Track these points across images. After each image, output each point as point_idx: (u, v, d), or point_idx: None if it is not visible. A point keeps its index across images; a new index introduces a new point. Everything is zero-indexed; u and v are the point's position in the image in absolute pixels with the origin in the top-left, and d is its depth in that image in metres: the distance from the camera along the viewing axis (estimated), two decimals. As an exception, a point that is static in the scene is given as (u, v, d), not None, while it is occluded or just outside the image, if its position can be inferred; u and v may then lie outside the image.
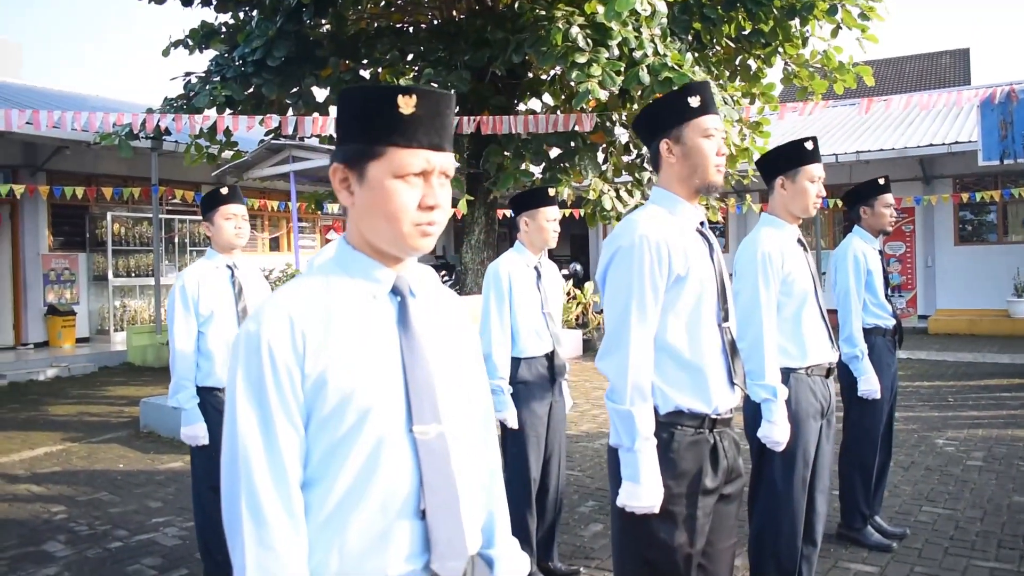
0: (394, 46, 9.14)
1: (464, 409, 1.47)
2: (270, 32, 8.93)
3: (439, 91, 1.40)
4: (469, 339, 1.56)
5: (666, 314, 2.15)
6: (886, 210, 4.21)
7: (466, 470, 1.43)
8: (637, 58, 7.58)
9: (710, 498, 2.17)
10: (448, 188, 1.44)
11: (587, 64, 7.36)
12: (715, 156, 2.19)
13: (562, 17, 7.74)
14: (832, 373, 3.09)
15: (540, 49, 7.63)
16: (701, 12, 9.08)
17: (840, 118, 18.67)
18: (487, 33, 8.67)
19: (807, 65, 10.58)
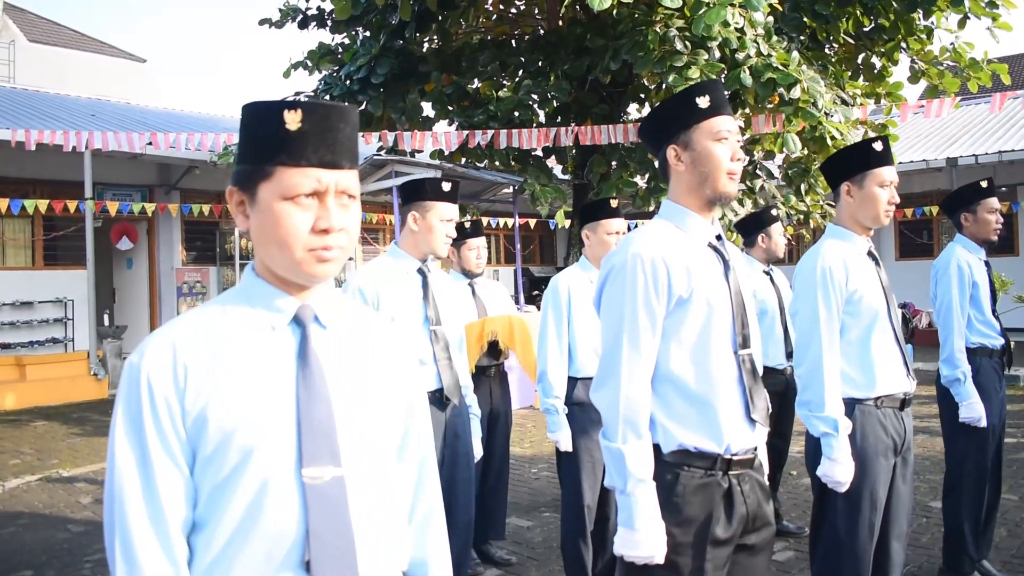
0: (495, 58, 9.09)
1: (377, 451, 1.33)
2: (373, 50, 9.07)
3: (331, 104, 1.28)
4: (396, 374, 1.41)
5: (668, 341, 1.92)
6: (991, 216, 3.76)
7: (371, 518, 1.29)
8: (740, 59, 7.24)
9: (722, 549, 1.92)
10: (353, 210, 1.30)
11: (685, 67, 7.07)
12: (728, 162, 1.95)
13: (660, 21, 7.48)
14: (908, 405, 2.74)
15: (637, 54, 7.40)
16: (812, 9, 8.60)
17: (980, 117, 17.42)
18: (587, 41, 8.50)
19: (936, 62, 9.88)
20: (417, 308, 3.10)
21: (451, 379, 3.10)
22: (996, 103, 8.72)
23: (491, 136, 8.00)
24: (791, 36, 8.61)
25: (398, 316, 3.04)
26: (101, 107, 15.62)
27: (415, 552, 1.46)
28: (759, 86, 7.11)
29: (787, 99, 7.19)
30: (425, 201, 3.12)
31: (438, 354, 3.09)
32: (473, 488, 3.26)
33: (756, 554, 2.02)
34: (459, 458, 3.15)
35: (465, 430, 3.19)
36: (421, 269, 3.17)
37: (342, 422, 1.27)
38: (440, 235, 3.11)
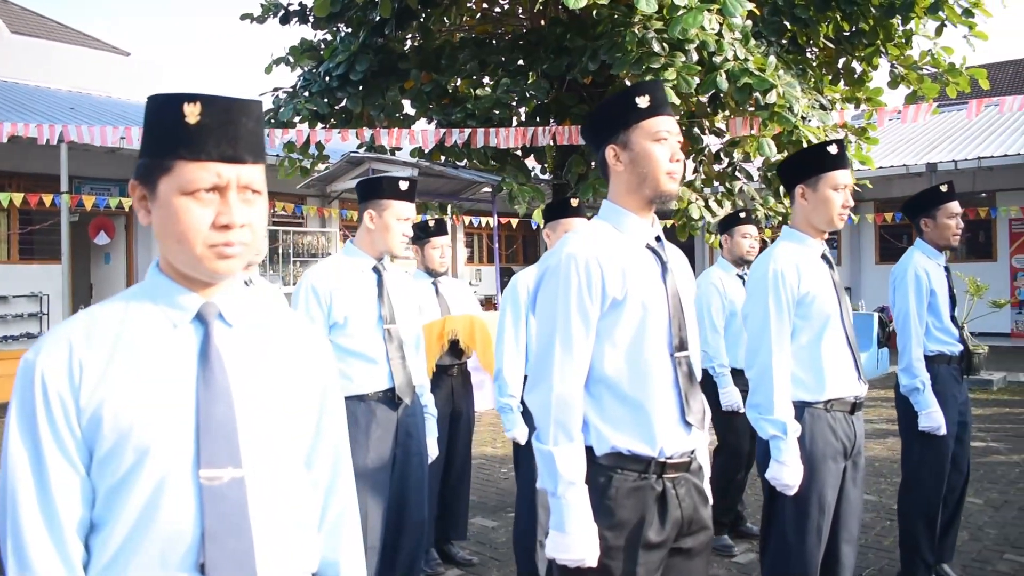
0: (475, 57, 9.07)
1: (282, 452, 1.31)
2: (353, 47, 9.03)
3: (232, 98, 1.25)
4: (308, 374, 1.39)
5: (603, 342, 1.91)
6: (950, 221, 3.76)
7: (274, 520, 1.27)
8: (717, 63, 7.25)
9: (655, 553, 1.91)
10: (258, 206, 1.29)
11: (662, 69, 7.08)
12: (668, 162, 1.94)
13: (638, 23, 7.48)
14: (858, 409, 2.74)
15: (615, 55, 7.40)
16: (792, 13, 8.62)
17: (960, 123, 17.53)
18: (567, 41, 8.50)
19: (915, 67, 9.92)
20: (371, 307, 3.07)
21: (403, 378, 3.07)
22: (973, 109, 8.78)
23: (469, 135, 7.98)
24: (770, 40, 8.63)
25: (351, 314, 3.02)
26: (81, 100, 15.50)
27: (327, 554, 1.44)
28: (735, 90, 7.13)
29: (763, 104, 7.21)
30: (382, 200, 3.09)
31: (391, 353, 3.06)
32: (426, 488, 3.24)
33: (692, 557, 2.01)
34: (411, 457, 3.12)
35: (418, 429, 3.17)
36: (376, 267, 3.14)
37: (245, 422, 1.25)
38: (397, 234, 3.09)
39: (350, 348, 3.02)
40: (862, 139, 9.96)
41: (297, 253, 14.99)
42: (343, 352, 3.02)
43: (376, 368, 3.05)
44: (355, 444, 2.96)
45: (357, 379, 3.03)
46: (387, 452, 3.04)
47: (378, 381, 3.05)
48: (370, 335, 3.06)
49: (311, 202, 14.80)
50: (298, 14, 10.41)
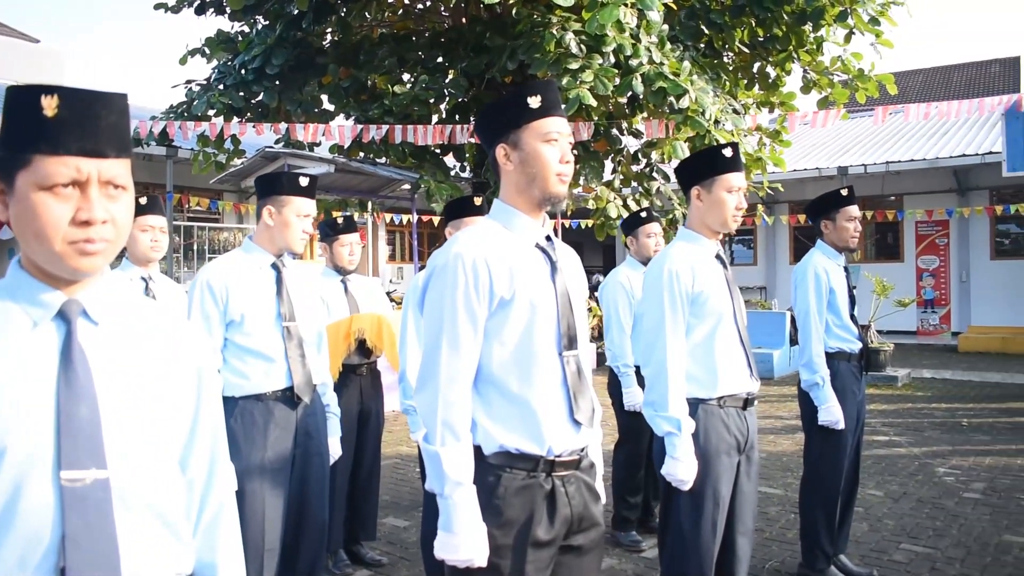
0: (394, 53, 9.01)
1: (152, 452, 1.27)
2: (269, 40, 8.88)
3: (93, 91, 1.21)
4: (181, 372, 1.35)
5: (491, 342, 1.91)
6: (849, 224, 3.88)
7: (141, 521, 1.23)
8: (633, 66, 7.34)
9: (544, 551, 1.91)
10: (123, 201, 1.25)
11: (579, 70, 7.14)
12: (558, 164, 1.94)
13: (557, 23, 7.53)
14: (751, 404, 2.80)
15: (534, 55, 7.44)
16: (708, 18, 8.80)
17: (871, 128, 18.15)
18: (486, 40, 8.51)
19: (826, 73, 10.23)
20: (269, 304, 3.00)
21: (303, 377, 3.01)
22: (879, 116, 9.08)
23: (387, 131, 7.92)
24: (686, 44, 8.78)
25: (248, 312, 2.94)
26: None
27: (203, 555, 1.40)
28: (650, 94, 7.24)
29: (677, 108, 7.33)
30: (281, 196, 3.02)
31: (290, 352, 2.99)
32: (327, 488, 3.18)
33: (583, 555, 2.02)
34: (311, 458, 3.06)
35: (318, 429, 3.11)
36: (275, 264, 3.06)
37: (111, 422, 1.21)
38: (296, 230, 3.02)
39: (247, 346, 2.94)
40: (775, 142, 10.23)
41: (213, 250, 14.64)
42: (240, 350, 2.94)
43: (274, 367, 2.97)
44: (252, 444, 2.90)
45: (254, 378, 2.95)
46: (286, 452, 2.97)
47: (276, 380, 2.97)
48: (268, 333, 2.97)
49: (227, 197, 14.48)
50: (214, 5, 10.18)
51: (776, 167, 9.84)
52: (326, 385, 3.28)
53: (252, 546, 2.82)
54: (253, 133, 8.51)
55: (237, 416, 2.89)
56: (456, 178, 9.54)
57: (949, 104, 8.79)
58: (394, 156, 9.10)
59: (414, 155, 9.11)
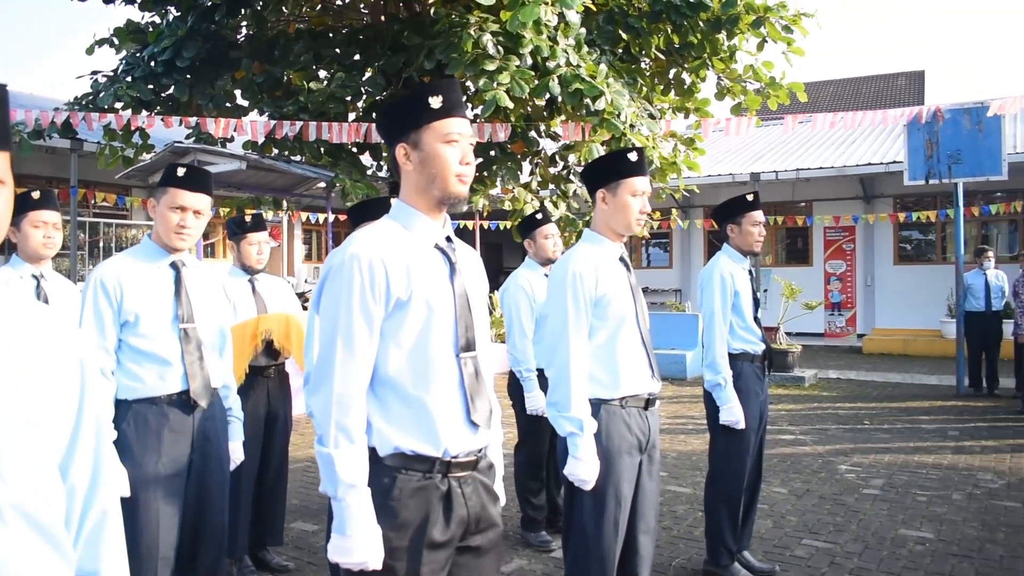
0: (310, 49, 8.86)
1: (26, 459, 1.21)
2: (180, 32, 8.64)
3: None
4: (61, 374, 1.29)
5: (387, 343, 1.89)
6: (754, 228, 3.97)
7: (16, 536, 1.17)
8: (551, 68, 7.39)
9: (440, 552, 1.90)
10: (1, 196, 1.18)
11: (496, 71, 7.14)
12: (458, 164, 1.93)
13: (475, 24, 7.52)
14: (652, 405, 2.84)
15: (451, 55, 7.41)
16: (625, 23, 8.91)
17: (783, 136, 18.69)
18: (404, 39, 8.44)
19: (740, 80, 10.47)
20: (166, 304, 2.89)
21: (200, 381, 2.91)
22: (788, 124, 9.34)
23: (301, 128, 7.78)
24: (603, 48, 8.87)
25: (143, 312, 2.83)
26: None
27: (84, 563, 1.34)
28: (567, 95, 7.29)
29: (593, 110, 7.40)
30: (163, 187, 2.89)
31: (187, 355, 2.89)
32: (227, 494, 3.09)
33: (481, 555, 2.01)
34: (210, 464, 2.96)
35: (217, 434, 3.01)
36: (175, 263, 2.95)
37: None
38: (170, 224, 2.86)
39: (142, 348, 2.83)
40: (690, 148, 10.42)
41: (120, 246, 14.17)
42: (135, 352, 2.82)
43: (170, 370, 2.85)
44: (146, 449, 2.79)
45: (149, 381, 2.83)
46: (182, 458, 2.87)
47: (171, 383, 2.85)
48: (164, 335, 2.85)
49: (136, 193, 14.04)
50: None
51: (691, 172, 10.02)
52: (228, 388, 3.19)
53: (146, 555, 2.72)
54: (162, 127, 8.27)
55: (130, 420, 2.78)
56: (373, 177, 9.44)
57: (855, 114, 9.10)
58: (309, 154, 8.96)
59: (330, 153, 8.98)
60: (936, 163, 9.83)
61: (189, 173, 2.91)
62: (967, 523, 4.93)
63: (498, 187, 9.30)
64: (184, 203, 2.88)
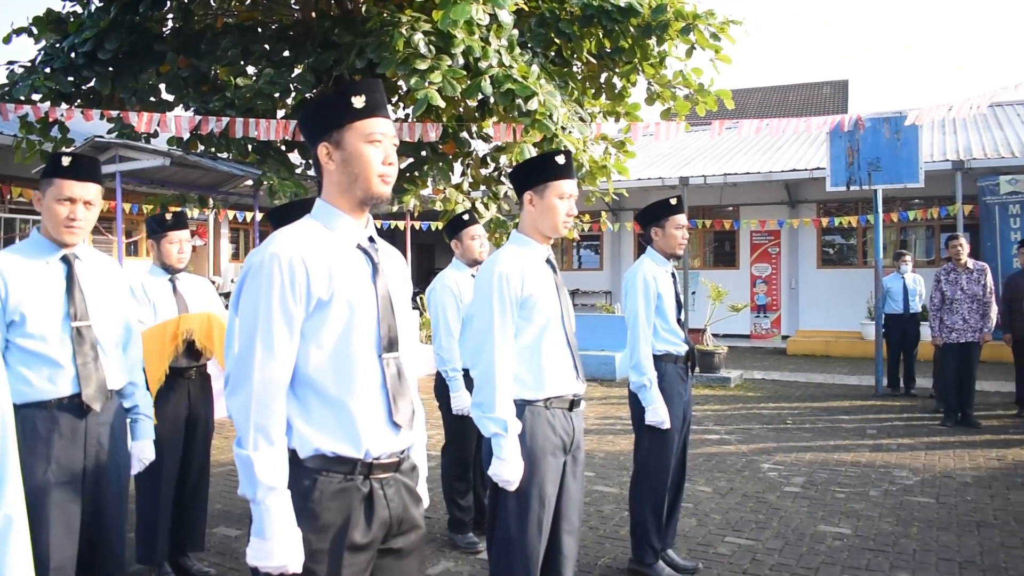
0: (237, 44, 8.69)
1: None
2: (102, 23, 8.39)
3: None
4: None
5: (308, 343, 1.87)
6: (677, 232, 4.03)
7: None
8: (483, 68, 7.39)
9: (361, 555, 1.89)
10: None
11: (428, 71, 7.11)
12: (380, 165, 1.92)
13: (407, 23, 7.47)
14: (577, 406, 2.87)
15: (383, 54, 7.35)
16: (558, 27, 8.96)
17: (712, 141, 19.05)
18: (335, 36, 8.34)
19: (669, 86, 10.62)
20: (56, 302, 2.73)
21: (94, 384, 2.76)
22: (715, 130, 9.52)
23: (227, 124, 7.63)
24: (536, 51, 8.91)
25: (30, 311, 2.67)
26: None
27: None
28: (499, 96, 7.30)
29: (525, 110, 7.43)
30: (51, 179, 2.74)
31: (79, 355, 2.73)
32: (125, 502, 2.95)
33: (403, 557, 2.00)
34: (107, 472, 2.82)
35: (114, 439, 2.86)
36: (66, 257, 2.79)
37: None
38: (57, 217, 2.70)
39: (29, 349, 2.67)
40: (621, 151, 10.54)
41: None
42: (22, 353, 2.66)
43: (60, 372, 2.70)
44: (35, 456, 2.65)
45: (37, 384, 2.68)
46: (74, 464, 2.73)
47: (62, 386, 2.70)
48: (54, 335, 2.69)
49: (56, 189, 13.57)
50: (43, -19, 9.55)
51: (621, 175, 10.13)
52: (135, 385, 3.05)
53: (38, 565, 2.58)
54: (83, 120, 8.01)
55: (18, 425, 2.63)
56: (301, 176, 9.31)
57: (780, 121, 9.31)
58: (236, 151, 8.79)
59: (257, 150, 8.82)
60: (857, 170, 10.12)
61: (76, 162, 2.75)
62: (883, 518, 5.08)
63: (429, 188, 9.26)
64: (72, 194, 2.72)
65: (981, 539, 4.70)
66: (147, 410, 3.13)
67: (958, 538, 4.72)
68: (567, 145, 7.95)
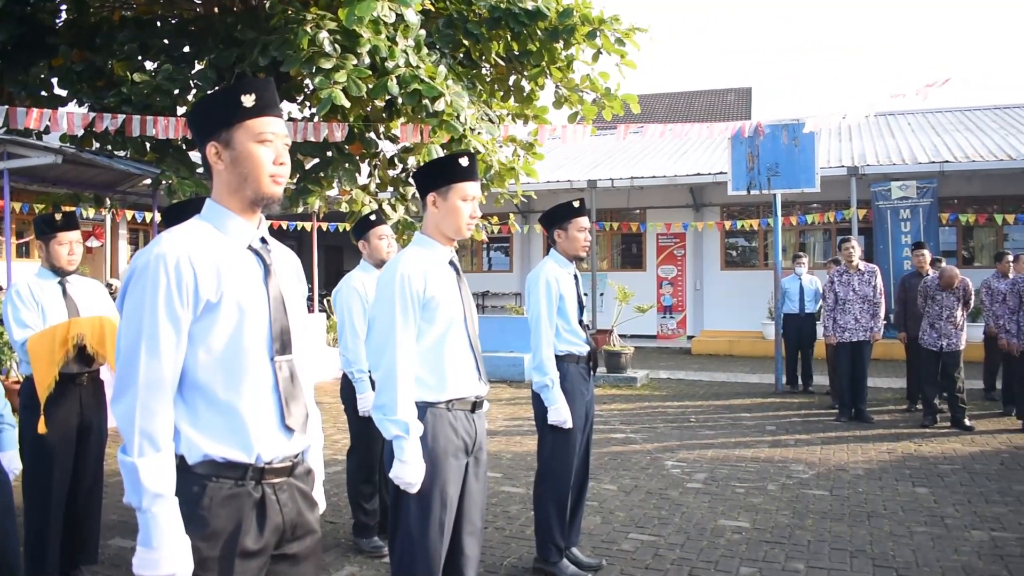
0: (135, 38, 8.41)
1: None
2: (-12, 13, 8.00)
3: None
4: None
5: (196, 346, 1.83)
6: (580, 234, 4.09)
7: None
8: (389, 68, 7.33)
9: (253, 561, 1.85)
10: None
11: (333, 70, 7.02)
12: (271, 165, 1.90)
13: (312, 20, 7.36)
14: (479, 407, 2.87)
15: (286, 52, 7.22)
16: (465, 28, 8.97)
17: (621, 145, 19.37)
18: (237, 32, 8.15)
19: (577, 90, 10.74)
20: None
21: None
22: (620, 133, 9.68)
23: (123, 121, 7.37)
24: (443, 52, 8.89)
25: None
26: None
27: None
28: (405, 96, 7.26)
29: (432, 111, 7.41)
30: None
31: None
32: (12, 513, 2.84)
33: (299, 563, 1.98)
34: None
35: None
36: None
37: None
38: None
39: None
40: (529, 153, 10.60)
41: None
42: None
43: None
44: None
45: None
46: None
47: None
48: None
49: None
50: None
51: (529, 177, 10.20)
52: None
53: None
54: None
55: None
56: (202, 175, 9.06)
57: (683, 126, 9.54)
58: (133, 149, 8.49)
59: (156, 149, 8.54)
60: (757, 175, 10.44)
61: None
62: (780, 512, 5.26)
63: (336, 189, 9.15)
64: None
65: (871, 529, 4.90)
66: (10, 419, 3.01)
67: (850, 528, 4.91)
68: (476, 146, 7.97)
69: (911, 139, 16.96)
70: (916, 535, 4.78)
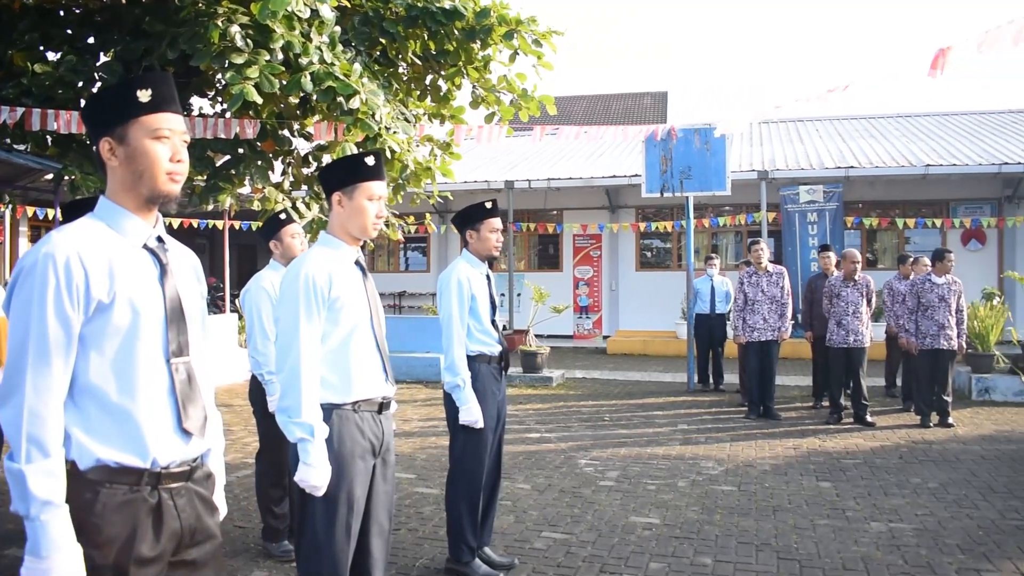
0: (36, 28, 8.08)
1: None
2: None
3: None
4: None
5: (88, 348, 1.77)
6: (492, 235, 4.11)
7: None
8: (303, 64, 7.22)
9: (150, 568, 1.81)
10: None
11: (244, 65, 6.88)
12: (168, 162, 1.85)
13: (223, 14, 7.20)
14: (386, 408, 2.86)
15: (196, 46, 7.05)
16: (382, 26, 8.90)
17: (538, 146, 19.50)
18: (145, 24, 7.91)
19: (494, 90, 10.76)
20: None
21: None
22: (537, 134, 9.74)
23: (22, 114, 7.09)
24: (359, 49, 8.81)
25: None
26: None
27: None
28: (320, 93, 7.16)
29: (347, 109, 7.33)
30: None
31: None
32: None
33: (198, 569, 1.94)
34: None
35: None
36: None
37: None
38: None
39: None
40: (446, 153, 10.58)
41: None
42: None
43: None
44: None
45: None
46: None
47: None
48: None
49: None
50: None
51: (446, 177, 10.18)
52: None
53: None
54: None
55: None
56: (108, 171, 8.78)
57: (598, 129, 9.65)
58: (34, 143, 8.16)
59: (58, 143, 8.22)
60: (670, 178, 10.64)
61: None
62: (689, 507, 5.38)
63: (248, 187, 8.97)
64: None
65: (776, 522, 5.06)
66: None
67: (756, 522, 5.06)
68: (391, 145, 7.90)
69: (819, 145, 17.55)
70: (819, 528, 4.95)
